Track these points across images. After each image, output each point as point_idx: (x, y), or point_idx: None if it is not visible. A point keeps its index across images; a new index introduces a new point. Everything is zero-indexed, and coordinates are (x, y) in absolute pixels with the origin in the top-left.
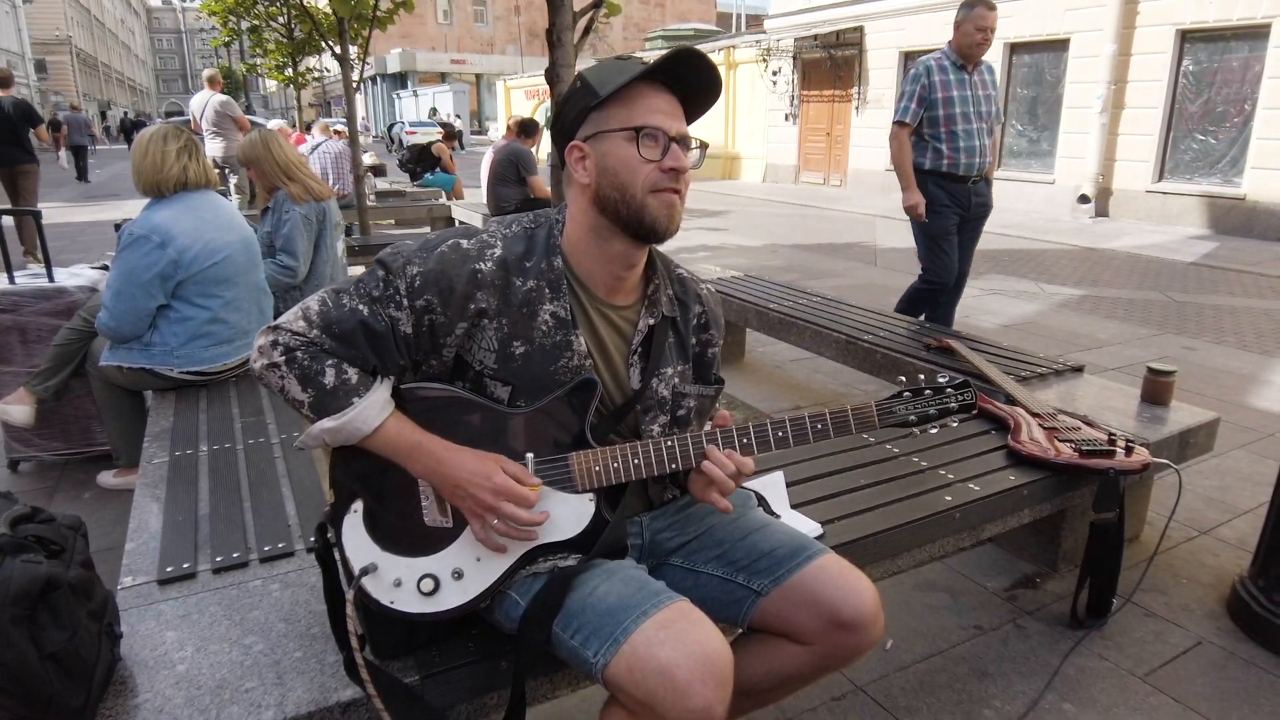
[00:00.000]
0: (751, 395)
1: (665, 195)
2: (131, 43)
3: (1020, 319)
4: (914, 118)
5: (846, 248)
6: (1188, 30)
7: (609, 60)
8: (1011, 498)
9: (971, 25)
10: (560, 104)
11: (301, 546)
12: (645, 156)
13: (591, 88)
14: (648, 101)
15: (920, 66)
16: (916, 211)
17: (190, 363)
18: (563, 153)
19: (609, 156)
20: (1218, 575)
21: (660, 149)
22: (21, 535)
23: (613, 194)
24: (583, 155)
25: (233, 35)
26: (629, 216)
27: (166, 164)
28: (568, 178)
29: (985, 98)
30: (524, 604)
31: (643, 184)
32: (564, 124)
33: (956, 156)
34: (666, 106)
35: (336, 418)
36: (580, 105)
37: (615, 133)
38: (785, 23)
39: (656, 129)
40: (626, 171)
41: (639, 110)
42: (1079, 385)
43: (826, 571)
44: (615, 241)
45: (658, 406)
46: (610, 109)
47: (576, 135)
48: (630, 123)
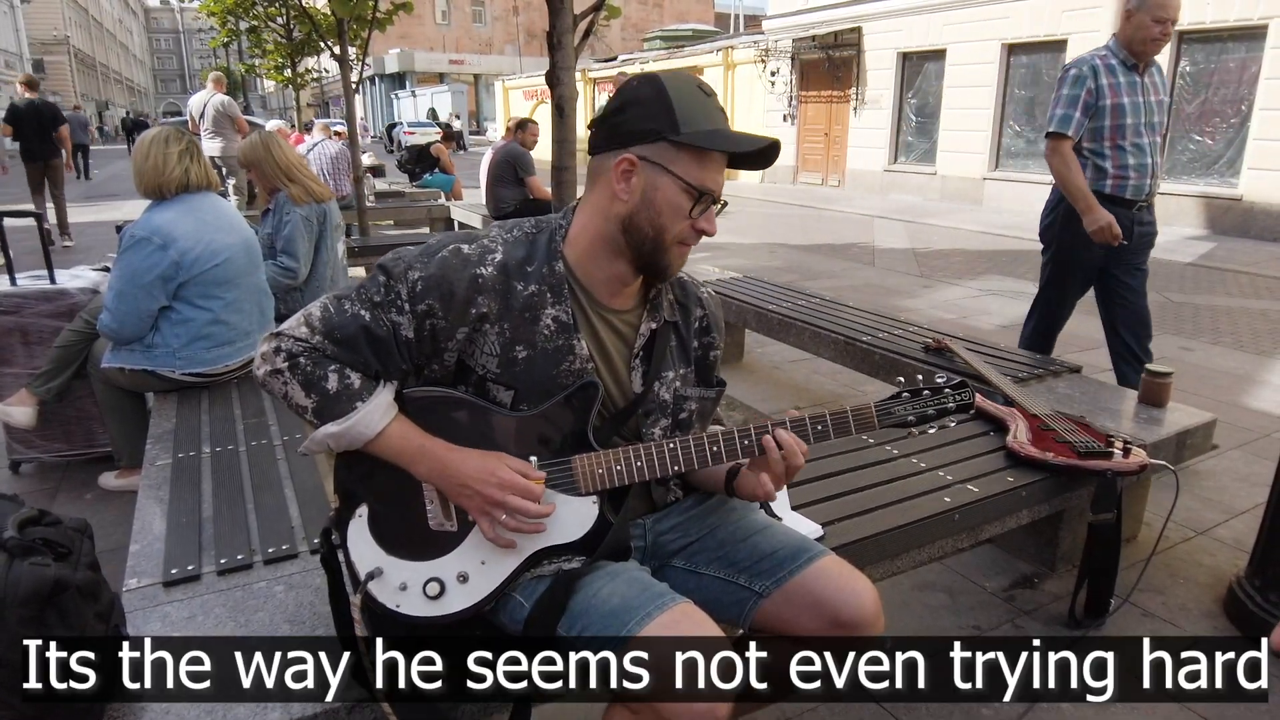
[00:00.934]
0: (750, 396)
1: (684, 248)
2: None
3: (1018, 319)
4: (1078, 129)
5: (845, 248)
6: (1184, 31)
7: (689, 86)
8: (1010, 499)
9: (1148, 16)
10: (624, 103)
11: (305, 548)
12: (692, 216)
13: (674, 118)
14: (717, 165)
15: (1084, 67)
16: (1112, 232)
17: (192, 364)
18: (602, 146)
19: (660, 193)
20: (1214, 575)
21: (703, 210)
22: (29, 538)
23: (647, 228)
24: (631, 171)
25: (231, 36)
26: (649, 253)
27: (168, 166)
28: (595, 179)
29: (1159, 104)
30: (528, 606)
31: (675, 234)
32: (624, 129)
33: (1124, 176)
34: (723, 170)
35: (340, 422)
36: (652, 125)
37: (678, 180)
38: (783, 23)
39: (713, 196)
40: (670, 217)
41: (709, 172)
42: (1076, 386)
43: (827, 573)
44: (620, 262)
45: (659, 410)
46: (683, 151)
47: (633, 148)
48: (697, 181)
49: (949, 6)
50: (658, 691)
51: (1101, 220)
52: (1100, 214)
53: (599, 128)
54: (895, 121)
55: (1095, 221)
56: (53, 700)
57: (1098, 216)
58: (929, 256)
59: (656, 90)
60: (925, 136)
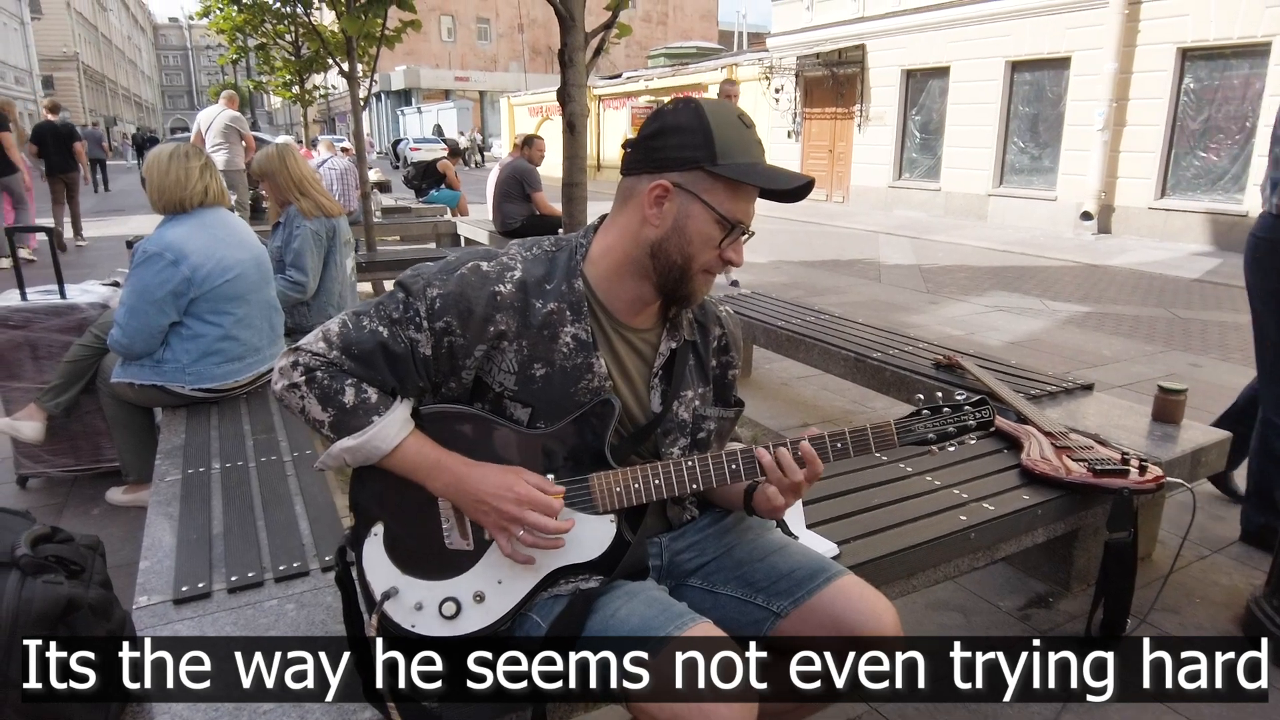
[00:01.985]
0: (759, 413)
1: (710, 276)
2: (138, 59)
3: (1026, 336)
4: None
5: (850, 264)
6: (1188, 48)
7: (730, 117)
8: (1026, 517)
9: None
10: (663, 129)
11: (316, 566)
12: (723, 247)
13: (713, 148)
14: (750, 197)
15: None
16: None
17: (202, 380)
18: (637, 168)
19: (693, 222)
20: (1231, 595)
21: (733, 240)
22: (42, 555)
23: (675, 256)
24: (665, 197)
25: (240, 53)
26: (675, 280)
27: (190, 181)
28: (626, 200)
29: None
30: (545, 625)
31: (702, 262)
32: (660, 153)
33: None
34: (754, 201)
35: (356, 436)
36: (691, 152)
37: (712, 210)
38: (787, 41)
39: (745, 228)
40: (698, 247)
41: (742, 205)
42: (1089, 403)
43: (846, 593)
44: (644, 285)
45: (678, 429)
46: (720, 182)
47: (668, 173)
48: (730, 213)
49: (952, 24)
50: (679, 713)
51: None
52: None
53: (635, 149)
54: (899, 138)
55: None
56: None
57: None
58: (935, 272)
59: (697, 118)
60: (929, 153)
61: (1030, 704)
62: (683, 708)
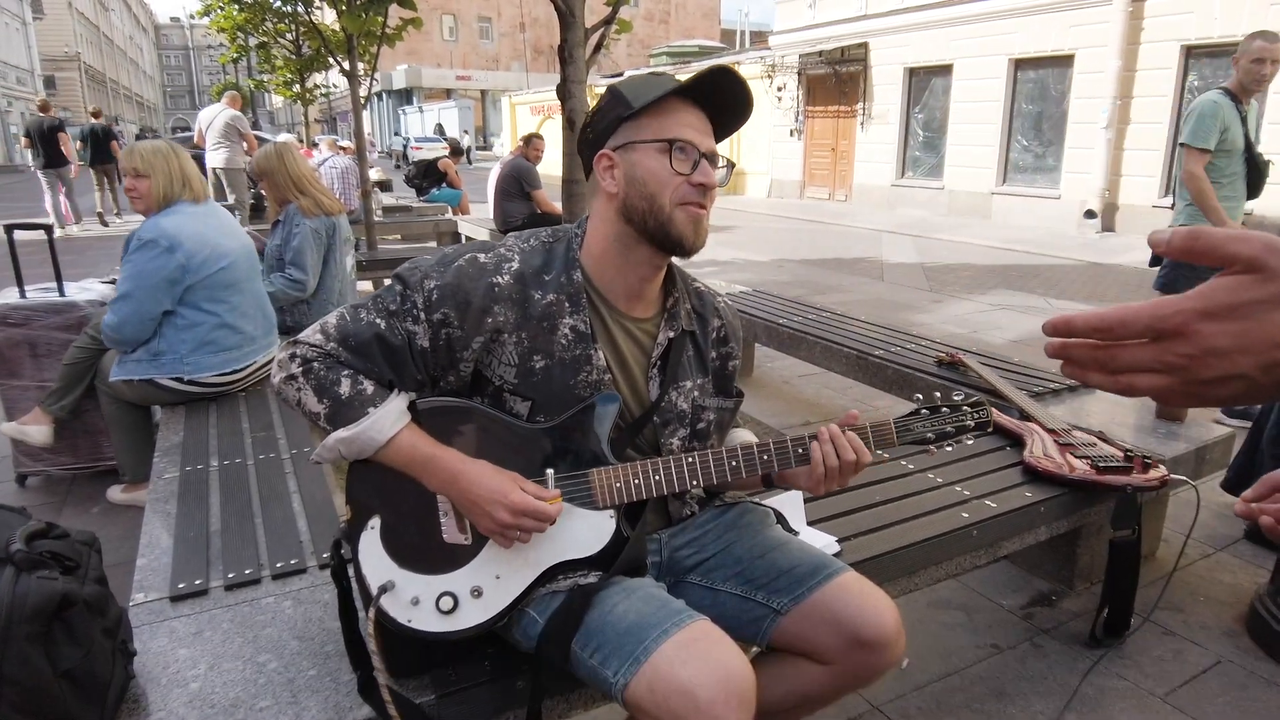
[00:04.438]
0: (761, 411)
1: (692, 209)
2: (139, 59)
3: (1029, 334)
4: None
5: (853, 263)
6: (1192, 46)
7: (640, 75)
8: (1028, 514)
9: None
10: (591, 114)
11: (314, 563)
12: (676, 169)
13: (625, 99)
14: (680, 116)
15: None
16: None
17: (199, 370)
18: (590, 161)
19: (638, 167)
20: (1235, 593)
21: (690, 163)
22: (37, 551)
23: (641, 204)
24: (611, 164)
25: (241, 52)
26: (655, 228)
27: (194, 175)
28: (593, 187)
29: None
30: (542, 622)
31: (671, 196)
32: (594, 133)
33: None
34: (698, 123)
35: (351, 428)
36: (612, 115)
37: (647, 144)
38: (790, 39)
39: (688, 143)
40: (656, 183)
41: (672, 124)
42: (1092, 401)
43: (847, 590)
44: (639, 249)
45: (677, 420)
46: (643, 120)
47: (606, 144)
48: (663, 135)
49: (956, 22)
50: (676, 711)
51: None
52: None
53: (581, 147)
54: (902, 136)
55: None
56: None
57: None
58: (938, 271)
59: (610, 91)
60: (933, 151)
61: (1033, 702)
62: (680, 707)
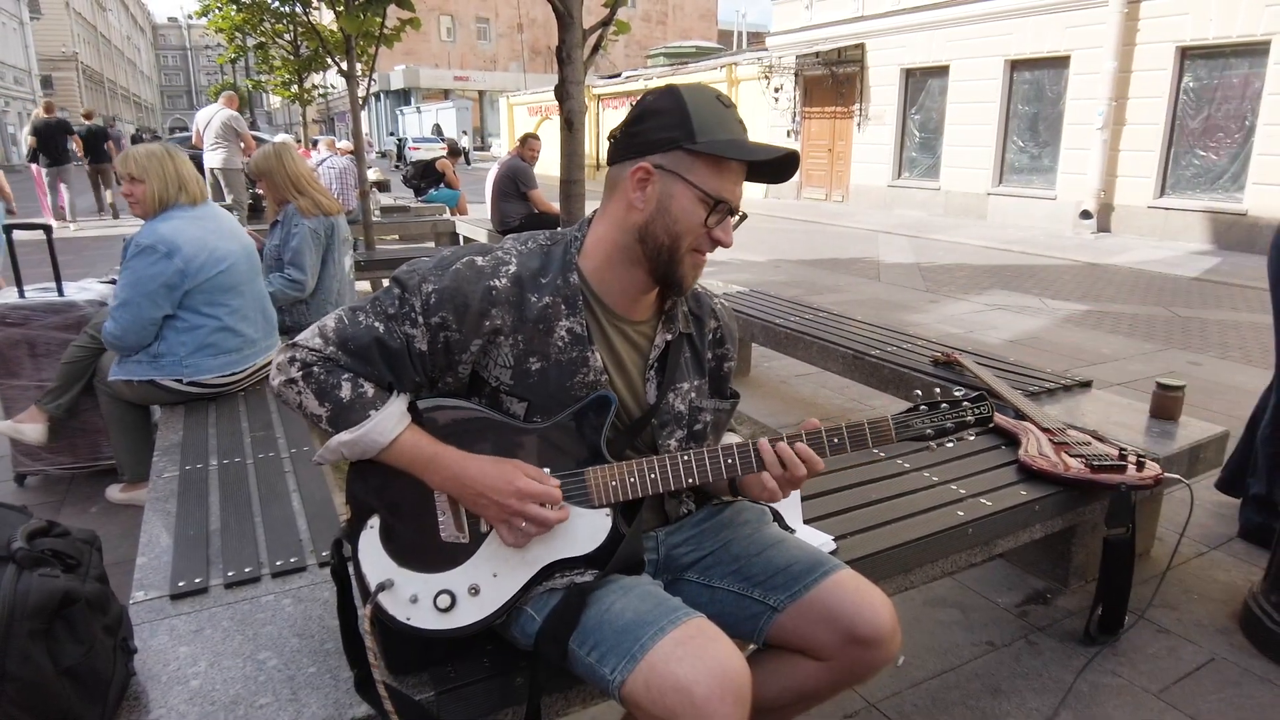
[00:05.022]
0: (758, 410)
1: (699, 256)
2: (137, 59)
3: (1025, 334)
4: None
5: (850, 263)
6: (1188, 47)
7: (707, 97)
8: (1023, 513)
9: None
10: (644, 112)
11: (314, 561)
12: (708, 225)
13: (690, 126)
14: (734, 175)
15: None
16: None
17: (199, 372)
18: (619, 156)
19: (676, 201)
20: (1229, 591)
21: (719, 220)
22: (38, 549)
23: (662, 238)
24: (647, 180)
25: (239, 52)
26: (664, 263)
27: (191, 177)
28: (613, 188)
29: None
30: (540, 620)
31: (690, 242)
32: (641, 138)
33: None
34: (741, 179)
35: (354, 430)
36: (669, 134)
37: (694, 188)
38: (787, 40)
39: (729, 206)
40: (684, 226)
41: (725, 182)
42: (1087, 400)
43: (843, 587)
44: (637, 271)
45: (674, 421)
46: (699, 159)
47: (649, 156)
48: (713, 190)
49: (952, 23)
50: (673, 708)
51: None
52: None
53: (618, 138)
54: (899, 137)
55: None
56: (63, 716)
57: None
58: (934, 271)
59: (674, 100)
60: (929, 152)
61: (1028, 699)
62: (676, 704)
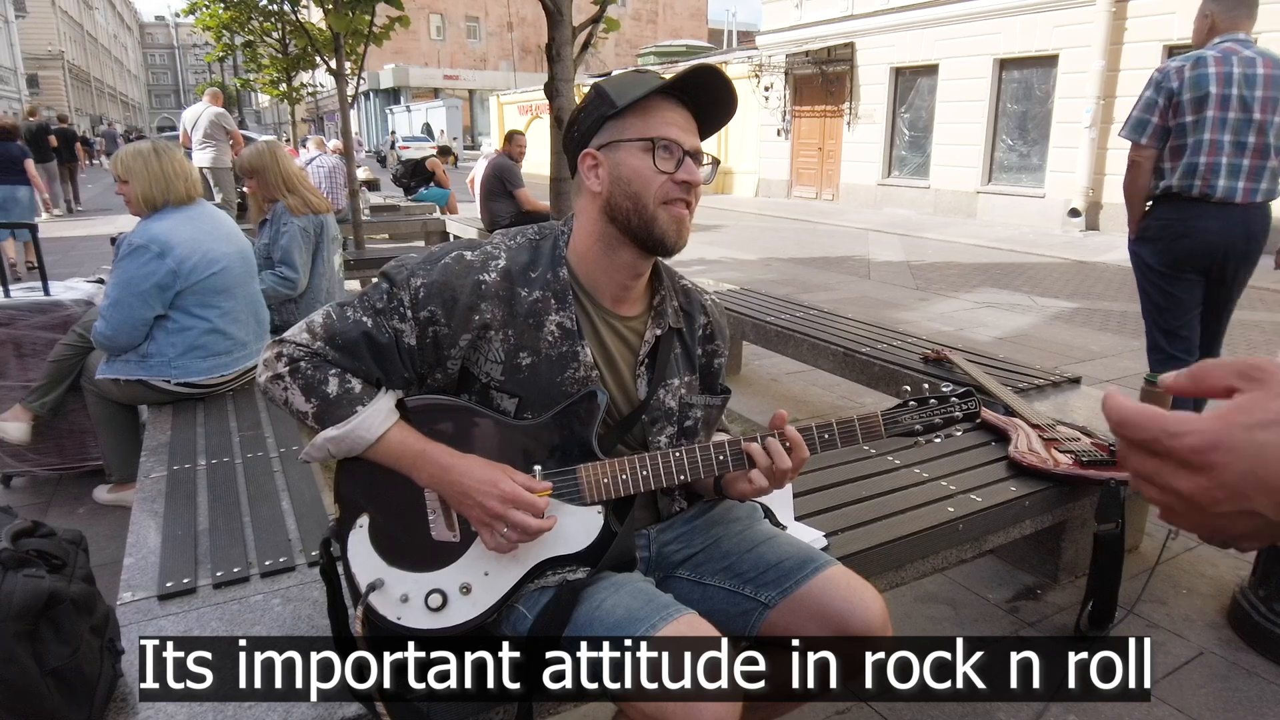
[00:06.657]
0: (749, 408)
1: (676, 208)
2: (124, 58)
3: (1014, 331)
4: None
5: (840, 261)
6: (1175, 46)
7: (625, 74)
8: (1013, 509)
9: None
10: (575, 113)
11: (302, 561)
12: (659, 168)
13: (609, 97)
14: (665, 115)
15: None
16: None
17: (187, 374)
18: (574, 159)
19: (622, 166)
20: (1217, 585)
21: (674, 162)
22: (23, 550)
23: (625, 203)
24: (595, 163)
25: (227, 50)
26: (639, 227)
27: (180, 175)
28: (578, 186)
29: None
30: (531, 618)
31: (655, 195)
32: (578, 132)
33: None
34: (682, 121)
35: (340, 426)
36: (596, 114)
37: (631, 143)
38: (777, 39)
39: (672, 141)
40: (640, 181)
41: (656, 122)
42: (1076, 397)
43: (835, 583)
44: (623, 251)
45: (665, 417)
46: (627, 119)
47: (590, 143)
48: (646, 134)
49: (941, 22)
50: (664, 704)
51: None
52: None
53: (566, 146)
54: (888, 136)
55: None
56: (49, 717)
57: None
58: (924, 269)
59: (594, 90)
60: (918, 151)
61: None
62: (668, 703)
